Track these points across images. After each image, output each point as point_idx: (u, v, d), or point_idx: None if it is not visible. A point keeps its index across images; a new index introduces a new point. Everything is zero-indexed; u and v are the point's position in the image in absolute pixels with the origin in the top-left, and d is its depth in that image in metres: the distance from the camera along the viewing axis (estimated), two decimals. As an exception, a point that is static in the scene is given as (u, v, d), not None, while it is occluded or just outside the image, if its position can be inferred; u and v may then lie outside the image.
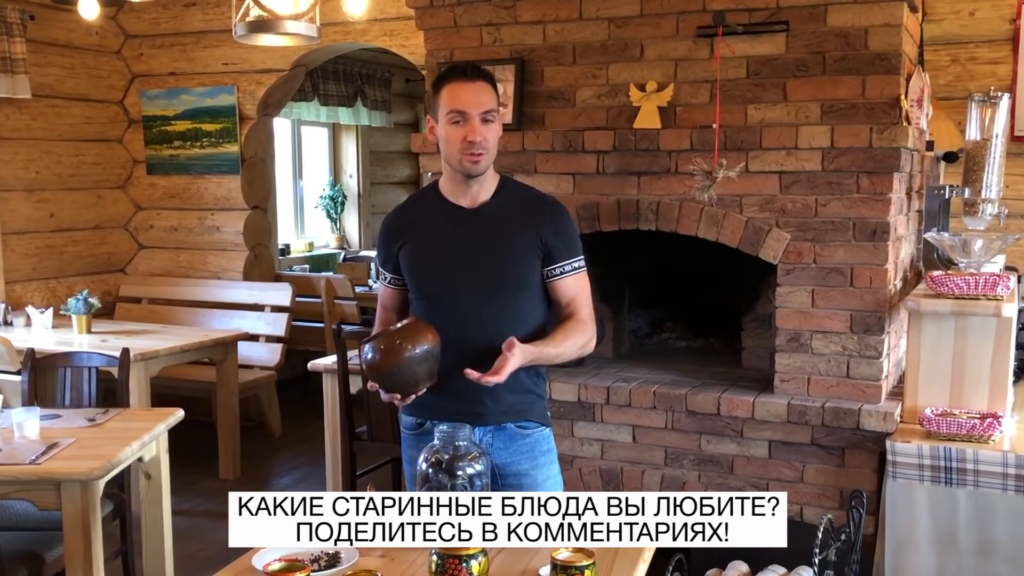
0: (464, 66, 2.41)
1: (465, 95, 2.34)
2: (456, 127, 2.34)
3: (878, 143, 3.21)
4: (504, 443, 2.43)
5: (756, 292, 3.87)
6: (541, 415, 2.51)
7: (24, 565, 3.04)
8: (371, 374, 2.25)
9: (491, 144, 2.37)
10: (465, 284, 2.39)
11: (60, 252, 6.20)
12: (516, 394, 2.43)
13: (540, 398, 2.52)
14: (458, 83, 2.35)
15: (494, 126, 2.37)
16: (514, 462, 2.43)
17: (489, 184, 2.45)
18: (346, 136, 9.61)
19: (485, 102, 2.34)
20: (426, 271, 2.46)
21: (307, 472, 5.50)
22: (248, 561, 1.99)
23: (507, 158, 3.72)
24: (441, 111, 2.37)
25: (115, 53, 6.45)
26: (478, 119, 2.33)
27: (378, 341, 2.24)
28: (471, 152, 2.33)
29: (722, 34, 3.40)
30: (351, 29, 5.77)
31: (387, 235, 2.54)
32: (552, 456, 2.53)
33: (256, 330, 6.10)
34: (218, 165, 6.34)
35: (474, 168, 2.36)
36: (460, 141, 2.33)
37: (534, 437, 2.47)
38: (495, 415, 2.41)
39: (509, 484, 2.42)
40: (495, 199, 2.44)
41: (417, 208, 2.55)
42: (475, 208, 2.43)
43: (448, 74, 2.39)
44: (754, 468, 3.45)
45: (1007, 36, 4.35)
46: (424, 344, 2.23)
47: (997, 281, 3.14)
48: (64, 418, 3.43)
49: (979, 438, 3.05)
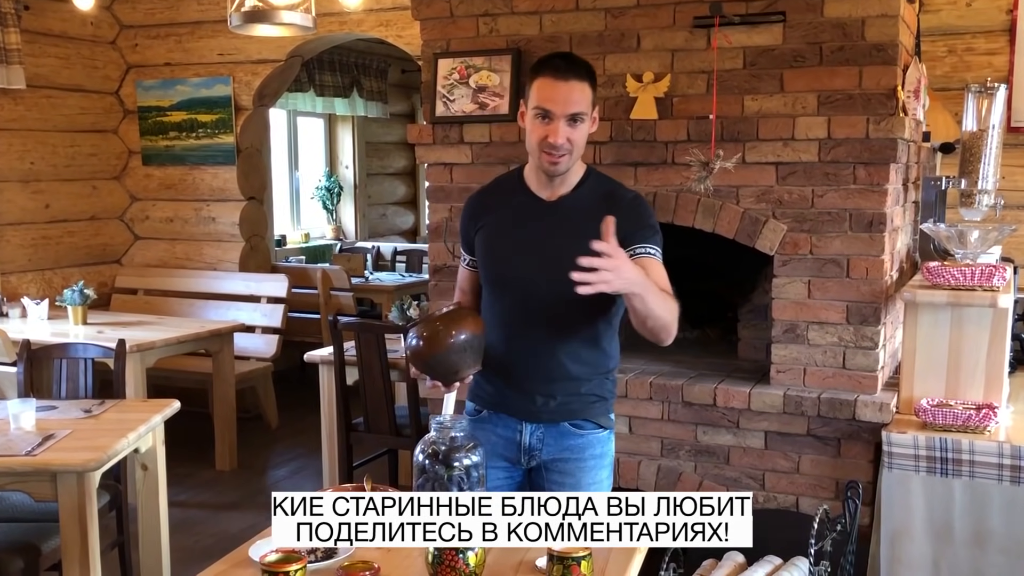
0: (560, 61, 2.28)
1: (553, 93, 2.23)
2: (540, 123, 2.25)
3: (875, 134, 3.21)
4: (555, 439, 2.39)
5: (752, 283, 3.87)
6: (600, 417, 2.44)
7: (20, 556, 3.04)
8: (413, 360, 2.24)
9: (576, 145, 2.27)
10: (531, 273, 2.32)
11: (56, 243, 6.19)
12: (573, 394, 2.38)
13: (603, 400, 2.44)
14: (549, 79, 2.24)
15: (582, 127, 2.27)
16: (561, 459, 2.40)
17: (572, 177, 2.37)
18: (342, 127, 9.59)
19: (575, 103, 2.23)
20: (495, 258, 2.41)
21: (304, 463, 5.51)
22: (245, 552, 1.99)
23: (504, 149, 3.71)
24: (530, 102, 2.28)
25: (110, 43, 6.43)
26: (563, 121, 2.23)
27: (421, 327, 2.23)
28: (550, 153, 2.26)
29: (719, 24, 3.40)
30: (347, 19, 5.76)
31: (467, 217, 2.50)
32: (604, 461, 2.46)
33: (252, 321, 6.10)
34: (214, 156, 6.33)
35: (552, 169, 2.29)
36: (541, 139, 2.25)
37: (587, 439, 2.42)
38: (549, 412, 2.37)
39: (552, 481, 2.40)
40: (575, 192, 2.36)
41: (499, 192, 2.48)
42: (553, 201, 2.36)
43: (543, 66, 2.28)
44: (750, 459, 3.45)
45: (1004, 27, 4.35)
46: (465, 331, 2.20)
47: (993, 272, 3.14)
48: (60, 409, 3.42)
49: (975, 429, 3.05)
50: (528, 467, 2.45)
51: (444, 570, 1.80)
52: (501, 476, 2.44)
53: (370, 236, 9.78)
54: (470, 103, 3.79)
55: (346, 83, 8.60)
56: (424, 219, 10.22)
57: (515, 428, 2.42)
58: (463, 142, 3.79)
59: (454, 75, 3.81)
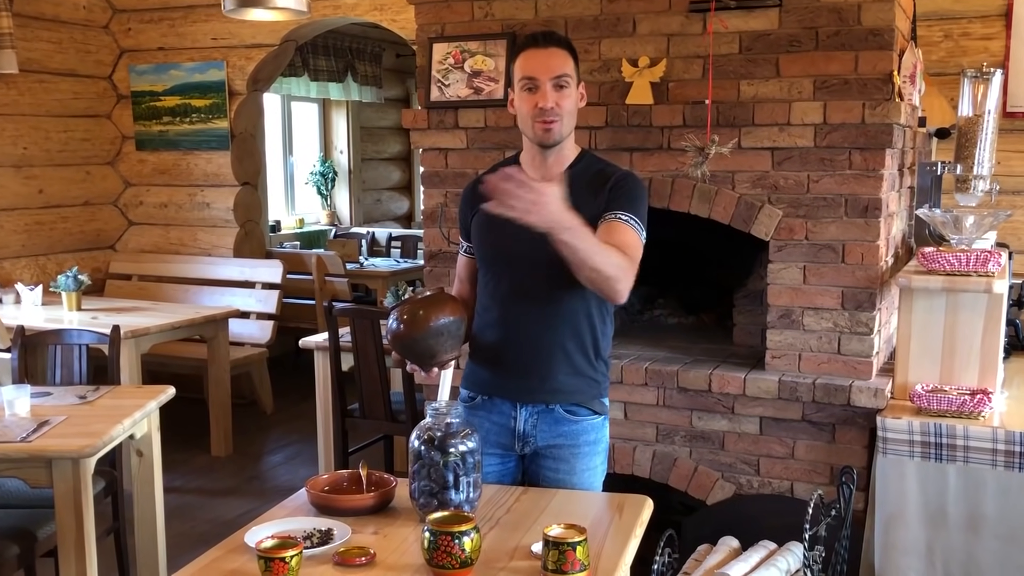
0: (537, 33, 2.38)
1: (535, 61, 2.30)
2: (528, 94, 2.31)
3: (871, 119, 3.20)
4: (549, 425, 2.40)
5: (748, 269, 3.87)
6: (595, 403, 2.45)
7: (16, 543, 3.04)
8: (392, 343, 2.25)
9: (565, 111, 2.31)
10: (527, 257, 2.32)
11: (49, 229, 6.17)
12: (570, 376, 2.40)
13: (596, 383, 2.45)
14: (530, 50, 2.33)
15: (568, 91, 2.31)
16: (555, 445, 2.40)
17: (566, 158, 2.39)
18: (336, 112, 9.56)
19: (556, 67, 2.29)
20: (488, 241, 2.43)
21: (299, 449, 5.51)
22: (241, 538, 1.99)
23: (499, 134, 3.70)
24: (516, 80, 2.34)
25: (103, 28, 6.39)
26: (550, 84, 2.28)
27: (401, 310, 2.24)
28: (542, 119, 2.29)
29: (715, 9, 3.38)
30: (341, 3, 5.73)
31: (464, 204, 2.52)
32: (598, 448, 2.47)
33: (247, 307, 6.09)
34: (207, 141, 6.30)
35: (546, 136, 2.31)
36: (532, 108, 2.29)
37: (582, 425, 2.43)
38: (544, 393, 2.38)
39: (547, 467, 2.41)
40: (568, 172, 2.37)
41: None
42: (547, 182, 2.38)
43: (522, 42, 2.37)
44: (745, 444, 3.46)
45: (1000, 12, 4.34)
46: (444, 316, 2.21)
47: (988, 258, 3.15)
48: (55, 396, 3.42)
49: (969, 414, 3.06)
50: (522, 453, 2.46)
51: (440, 555, 1.80)
52: (495, 463, 2.44)
53: (365, 222, 9.77)
54: (465, 88, 3.77)
55: (340, 68, 8.56)
56: (419, 205, 10.21)
57: (509, 414, 2.43)
58: (458, 127, 3.78)
59: (449, 60, 3.80)
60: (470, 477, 2.08)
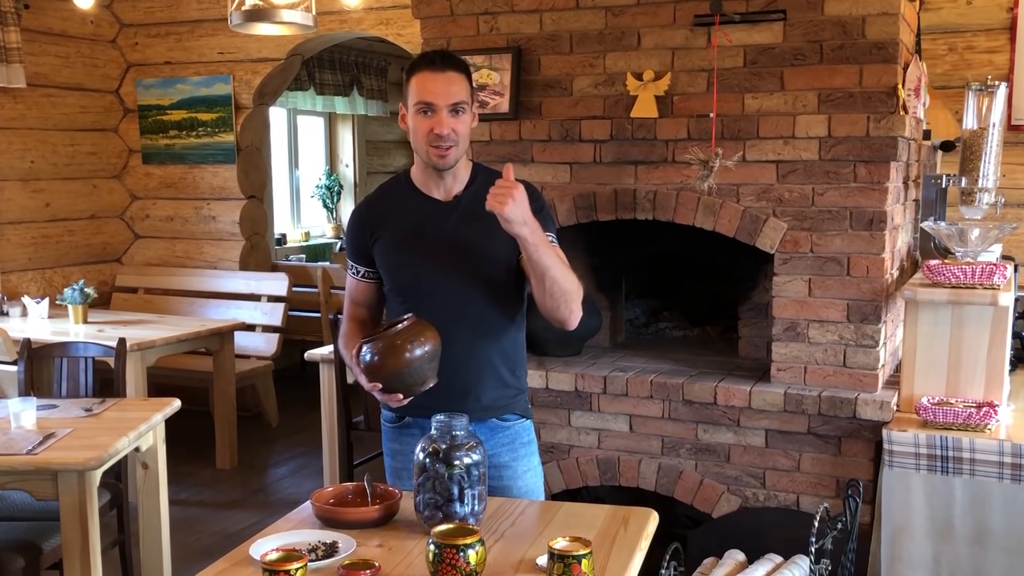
0: (434, 55, 2.33)
1: (433, 86, 2.26)
2: (423, 118, 2.27)
3: (875, 132, 3.21)
4: (485, 436, 2.38)
5: (753, 281, 3.87)
6: (522, 408, 2.50)
7: (21, 555, 3.04)
8: (373, 375, 2.21)
9: (461, 136, 2.30)
10: (448, 279, 2.34)
11: (56, 242, 6.19)
12: (498, 390, 2.42)
13: (521, 392, 2.50)
14: (427, 72, 2.27)
15: (464, 117, 2.30)
16: (496, 455, 2.41)
17: (462, 174, 2.39)
18: (342, 125, 9.59)
19: (454, 94, 2.27)
20: (405, 267, 2.39)
21: (304, 462, 5.51)
22: (246, 551, 1.99)
23: (503, 147, 3.71)
24: (410, 100, 2.30)
25: (110, 42, 6.43)
26: (446, 111, 2.26)
27: (376, 343, 2.20)
28: (437, 146, 2.27)
29: (719, 23, 3.39)
30: (347, 18, 5.76)
31: (359, 228, 2.46)
32: (533, 448, 2.52)
33: (253, 320, 6.10)
34: (214, 154, 6.33)
35: (441, 162, 2.30)
36: (427, 133, 2.27)
37: (515, 429, 2.47)
38: (477, 411, 2.37)
39: (492, 477, 2.38)
40: (469, 190, 2.38)
41: (389, 200, 2.46)
42: (451, 201, 2.37)
43: (418, 62, 2.31)
44: (751, 457, 3.45)
45: (1004, 25, 4.34)
46: (428, 344, 2.21)
47: (994, 270, 3.14)
48: (61, 408, 3.42)
49: (975, 427, 3.05)
50: None
51: (445, 568, 1.80)
52: None
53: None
54: (470, 101, 3.78)
55: (346, 81, 8.59)
56: (424, 217, 10.19)
57: None
58: (463, 140, 3.78)
59: (454, 73, 3.80)
60: (475, 489, 2.08)
